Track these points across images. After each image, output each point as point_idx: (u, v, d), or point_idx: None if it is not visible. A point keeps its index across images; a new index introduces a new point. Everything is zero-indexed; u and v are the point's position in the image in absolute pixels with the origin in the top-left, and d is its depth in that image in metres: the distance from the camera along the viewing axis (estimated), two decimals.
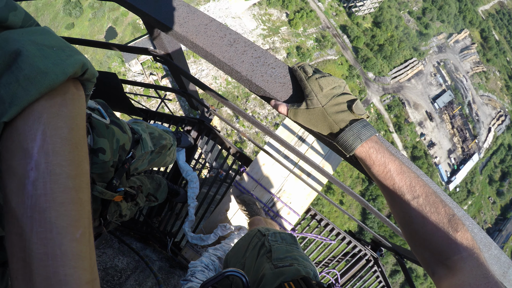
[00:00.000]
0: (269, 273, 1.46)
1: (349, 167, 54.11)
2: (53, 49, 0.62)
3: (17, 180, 0.53)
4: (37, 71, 0.56)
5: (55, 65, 0.59)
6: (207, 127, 3.30)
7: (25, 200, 0.52)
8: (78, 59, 0.63)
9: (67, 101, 0.61)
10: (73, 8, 42.82)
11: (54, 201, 0.54)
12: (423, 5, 74.39)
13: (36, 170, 0.53)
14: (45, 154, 0.54)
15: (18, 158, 0.54)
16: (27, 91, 0.55)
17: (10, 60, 0.56)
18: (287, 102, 1.03)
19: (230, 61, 1.08)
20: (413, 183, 0.88)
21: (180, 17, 1.20)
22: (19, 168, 0.53)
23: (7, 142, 0.55)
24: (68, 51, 0.64)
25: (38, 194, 0.53)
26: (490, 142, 77.19)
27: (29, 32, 0.62)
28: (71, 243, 0.54)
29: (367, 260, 3.60)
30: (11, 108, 0.54)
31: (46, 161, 0.54)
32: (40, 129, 0.55)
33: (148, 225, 3.50)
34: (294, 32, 55.65)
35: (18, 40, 0.59)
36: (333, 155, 3.38)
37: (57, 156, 0.56)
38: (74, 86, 0.65)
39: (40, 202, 0.52)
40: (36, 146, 0.54)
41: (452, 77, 72.75)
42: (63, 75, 0.59)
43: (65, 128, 0.59)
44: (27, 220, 0.52)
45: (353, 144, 0.90)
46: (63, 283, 0.52)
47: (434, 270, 0.84)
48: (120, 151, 1.45)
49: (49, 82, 0.57)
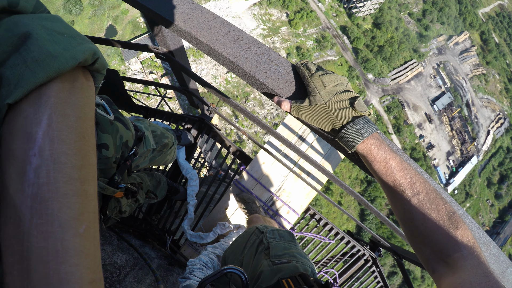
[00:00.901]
0: (267, 270, 1.47)
1: (347, 168, 54.16)
2: (64, 36, 0.60)
3: (17, 165, 0.50)
4: (46, 54, 0.54)
5: (65, 50, 0.57)
6: (208, 125, 3.31)
7: (25, 188, 0.49)
8: (89, 47, 0.62)
9: (76, 89, 0.59)
10: (73, 6, 42.68)
11: (57, 192, 0.50)
12: (423, 7, 74.40)
13: (40, 156, 0.50)
14: (50, 140, 0.52)
15: (21, 142, 0.51)
16: (34, 73, 0.53)
17: (19, 42, 0.54)
18: (290, 98, 1.04)
19: (234, 57, 1.09)
20: (413, 179, 0.88)
21: (184, 14, 1.20)
22: (21, 152, 0.50)
23: (10, 125, 0.52)
24: (79, 39, 0.62)
25: (40, 182, 0.49)
26: (489, 144, 77.22)
27: (40, 17, 0.61)
28: (74, 238, 0.50)
29: (365, 260, 3.61)
30: (16, 89, 0.52)
31: (51, 148, 0.51)
32: (47, 113, 0.53)
33: (147, 222, 3.50)
34: (294, 32, 55.62)
35: (29, 24, 0.57)
36: (333, 155, 3.39)
37: (63, 144, 0.53)
38: (83, 75, 0.63)
39: (42, 192, 0.49)
40: (41, 131, 0.51)
41: (452, 79, 72.78)
42: (73, 60, 0.57)
43: (73, 116, 0.56)
44: (27, 210, 0.48)
45: (354, 140, 0.91)
46: (63, 282, 0.48)
47: (434, 268, 0.84)
48: (123, 148, 1.46)
49: (58, 66, 0.55)
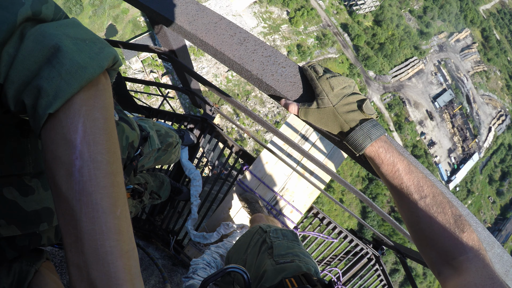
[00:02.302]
0: (270, 269, 1.47)
1: (349, 165, 54.15)
2: (86, 42, 0.67)
3: (65, 169, 0.60)
4: (77, 65, 0.61)
5: (91, 59, 0.64)
6: (210, 125, 3.30)
7: (73, 186, 0.59)
8: (110, 53, 0.69)
9: (100, 92, 0.67)
10: (74, 6, 42.68)
11: (98, 185, 0.61)
12: (424, 4, 74.18)
13: (81, 159, 0.60)
14: (87, 144, 0.61)
15: (64, 149, 0.60)
16: (69, 84, 0.60)
17: (49, 54, 0.60)
18: (297, 101, 1.03)
19: (240, 59, 1.08)
20: (421, 183, 0.88)
21: (189, 15, 1.19)
22: (65, 158, 0.60)
23: (51, 134, 0.61)
24: (99, 44, 0.69)
25: (84, 180, 0.60)
26: (490, 141, 77.15)
27: (62, 25, 0.67)
28: (113, 220, 0.62)
29: (368, 259, 3.60)
30: (56, 100, 0.59)
31: (89, 150, 0.61)
32: (81, 121, 0.61)
33: (150, 223, 3.50)
34: (295, 30, 55.52)
35: (55, 35, 0.63)
36: (336, 154, 3.38)
37: (97, 145, 0.62)
38: (104, 76, 0.70)
39: (86, 187, 0.60)
40: (79, 137, 0.60)
41: (453, 76, 72.65)
42: (100, 68, 0.65)
43: (101, 119, 0.65)
44: (77, 203, 0.59)
45: (363, 143, 0.91)
46: (108, 253, 0.60)
47: (440, 270, 0.84)
48: (129, 148, 1.45)
49: (88, 76, 0.62)
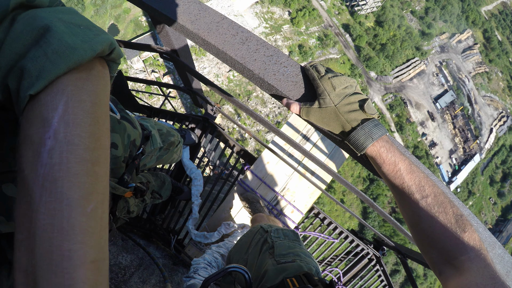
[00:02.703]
0: (271, 269, 1.47)
1: (350, 166, 54.11)
2: (81, 27, 0.62)
3: (33, 148, 0.52)
4: (66, 45, 0.56)
5: (83, 41, 0.59)
6: (212, 124, 3.30)
7: (38, 168, 0.51)
8: (106, 38, 0.64)
9: (93, 76, 0.61)
10: (75, 5, 42.66)
11: (68, 171, 0.51)
12: (426, 5, 74.11)
13: (54, 138, 0.52)
14: (65, 123, 0.53)
15: (37, 127, 0.53)
16: (55, 64, 0.54)
17: (38, 35, 0.56)
18: (299, 101, 1.03)
19: (242, 59, 1.08)
20: (422, 182, 0.88)
21: (192, 14, 1.19)
22: (37, 136, 0.52)
23: (29, 113, 0.54)
24: (95, 31, 0.64)
25: (53, 163, 0.51)
26: (491, 142, 77.00)
27: (57, 11, 0.63)
28: (80, 217, 0.51)
29: (369, 259, 3.61)
30: (38, 81, 0.53)
31: (65, 130, 0.53)
32: (63, 100, 0.54)
33: (151, 222, 3.51)
34: (296, 31, 55.49)
35: (46, 17, 0.59)
36: (337, 154, 3.38)
37: (77, 127, 0.54)
38: (100, 64, 0.65)
39: (53, 171, 0.50)
40: (57, 116, 0.53)
41: (454, 77, 72.54)
42: (92, 51, 0.59)
43: (88, 102, 0.58)
44: (38, 189, 0.50)
45: (364, 143, 0.91)
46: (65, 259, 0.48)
47: (441, 270, 0.84)
48: (131, 147, 1.46)
49: (77, 57, 0.57)
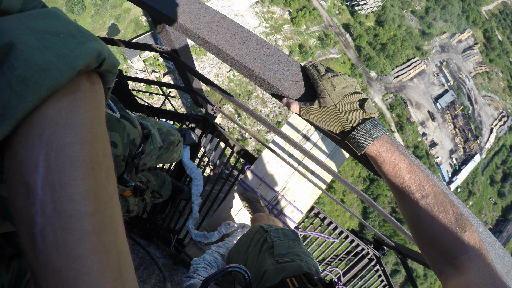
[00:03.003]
0: (271, 269, 1.47)
1: (350, 166, 54.09)
2: (59, 36, 0.47)
3: (26, 229, 0.42)
4: (34, 68, 0.42)
5: (59, 57, 0.44)
6: (212, 124, 3.31)
7: (38, 256, 0.41)
8: (91, 48, 0.48)
9: (78, 102, 0.47)
10: (76, 5, 42.62)
11: (68, 256, 0.41)
12: (426, 5, 74.05)
13: (42, 214, 0.41)
14: (50, 188, 0.41)
15: (21, 198, 0.42)
16: (22, 97, 0.41)
17: (2, 56, 0.42)
18: (299, 100, 1.03)
19: (242, 58, 1.08)
20: (422, 182, 0.88)
21: (192, 14, 1.19)
22: (25, 213, 0.41)
23: (9, 175, 0.43)
24: (80, 37, 0.49)
25: (48, 248, 0.41)
26: (492, 142, 76.97)
27: (29, 16, 0.47)
28: None
29: (369, 259, 3.60)
30: (3, 122, 0.41)
31: (52, 199, 0.41)
32: (43, 152, 0.42)
33: (151, 222, 3.51)
34: (297, 30, 55.45)
35: (13, 29, 0.43)
36: (337, 154, 3.38)
37: (67, 188, 0.42)
38: (87, 80, 0.50)
39: (51, 260, 0.41)
40: (40, 179, 0.41)
41: (455, 77, 72.51)
42: (70, 70, 0.45)
43: (76, 144, 0.44)
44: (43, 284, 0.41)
45: (364, 142, 0.91)
46: None
47: (441, 270, 0.84)
48: (130, 146, 1.46)
49: (51, 82, 0.43)
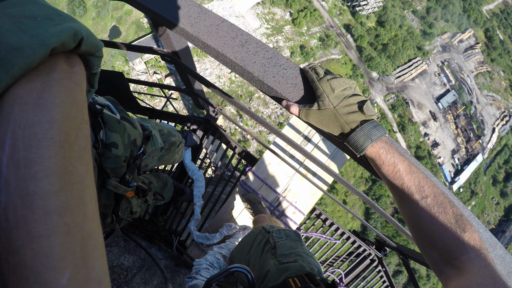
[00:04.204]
0: (273, 269, 1.48)
1: (352, 167, 54.04)
2: (36, 20, 0.46)
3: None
4: (7, 48, 0.42)
5: (33, 37, 0.44)
6: (213, 126, 3.31)
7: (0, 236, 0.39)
8: (67, 26, 0.48)
9: (51, 82, 0.46)
10: (77, 7, 42.75)
11: (28, 236, 0.39)
12: (427, 4, 73.98)
13: (6, 192, 0.39)
14: (14, 166, 0.40)
15: None
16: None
17: None
18: (298, 102, 1.04)
19: (242, 61, 1.09)
20: (421, 183, 0.88)
21: (192, 17, 1.20)
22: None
23: None
24: (58, 20, 0.48)
25: (10, 227, 0.39)
26: (494, 142, 76.75)
27: (8, 4, 0.47)
28: None
29: (371, 260, 3.60)
30: None
31: (16, 176, 0.40)
32: (10, 130, 0.41)
33: (153, 223, 3.52)
34: (298, 31, 55.47)
35: None
36: (339, 155, 3.39)
37: (31, 166, 0.41)
38: (66, 62, 0.50)
39: (12, 239, 0.39)
40: (5, 156, 0.40)
41: (456, 77, 72.38)
42: (43, 47, 0.44)
43: (45, 122, 0.43)
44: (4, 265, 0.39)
45: (363, 144, 0.91)
46: None
47: (441, 270, 0.84)
48: (131, 146, 1.47)
49: (23, 60, 0.42)
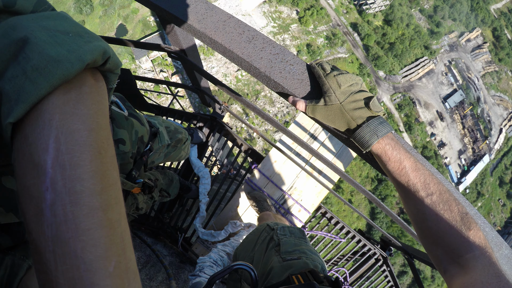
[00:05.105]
0: (277, 266, 1.48)
1: (358, 166, 53.88)
2: (69, 35, 0.52)
3: (34, 205, 0.44)
4: (47, 59, 0.47)
5: (70, 51, 0.49)
6: (219, 123, 3.32)
7: (44, 230, 0.43)
8: (98, 45, 0.54)
9: (84, 95, 0.51)
10: (84, 6, 42.97)
11: (77, 229, 0.44)
12: (434, 3, 73.43)
13: (52, 190, 0.44)
14: (60, 168, 0.44)
15: (31, 176, 0.45)
16: (35, 84, 0.45)
17: (17, 49, 0.47)
18: (305, 98, 1.04)
19: (249, 57, 1.09)
20: (427, 180, 0.88)
21: (199, 13, 1.21)
22: (34, 189, 0.44)
23: (18, 155, 0.46)
24: (87, 37, 0.54)
25: (58, 221, 0.43)
26: (501, 143, 76.09)
27: (41, 17, 0.53)
28: (104, 280, 0.44)
29: (376, 259, 3.59)
30: (17, 105, 0.45)
31: (63, 177, 0.44)
32: (53, 135, 0.45)
33: (159, 220, 3.54)
34: (305, 30, 55.37)
35: (27, 26, 0.49)
36: (344, 154, 3.38)
37: (76, 168, 0.46)
38: (92, 77, 0.55)
39: (61, 232, 0.43)
40: (50, 159, 0.44)
41: (464, 76, 71.83)
42: (80, 62, 0.49)
43: (83, 130, 0.48)
44: (50, 256, 0.43)
45: (369, 140, 0.91)
46: None
47: (446, 268, 0.84)
48: (138, 143, 1.48)
49: (62, 72, 0.47)
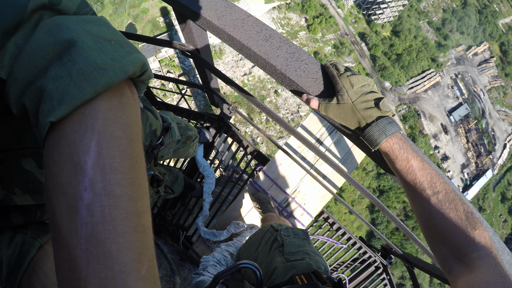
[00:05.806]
0: (281, 266, 1.50)
1: (360, 176, 53.70)
2: (111, 43, 0.54)
3: (67, 202, 0.44)
4: (93, 65, 0.48)
5: (114, 61, 0.51)
6: (226, 124, 3.35)
7: (78, 228, 0.43)
8: (139, 58, 0.55)
9: (124, 105, 0.52)
10: (95, 3, 43.23)
11: (115, 231, 0.44)
12: (443, 16, 73.41)
13: (91, 191, 0.44)
14: (101, 170, 0.45)
15: (69, 175, 0.45)
16: (81, 88, 0.46)
17: (62, 50, 0.48)
18: (318, 97, 1.07)
19: (265, 55, 1.13)
20: (433, 179, 0.90)
21: (218, 11, 1.25)
22: (70, 187, 0.45)
23: (54, 152, 0.46)
24: (127, 47, 0.56)
25: (95, 221, 0.44)
26: (505, 158, 75.56)
27: (85, 20, 0.54)
28: (136, 282, 0.45)
29: (376, 267, 3.60)
30: (60, 106, 0.46)
31: (103, 179, 0.45)
32: (95, 139, 0.46)
33: (161, 217, 3.56)
34: (313, 38, 55.45)
35: (72, 29, 0.51)
36: (349, 160, 3.40)
37: (116, 173, 0.47)
38: (129, 88, 0.56)
39: (97, 232, 0.43)
40: (90, 160, 0.45)
41: (469, 90, 71.58)
42: (123, 73, 0.51)
43: (124, 138, 0.50)
44: (82, 254, 0.43)
45: (378, 139, 0.94)
46: None
47: (451, 267, 0.85)
48: (151, 136, 1.50)
49: (106, 80, 0.49)
